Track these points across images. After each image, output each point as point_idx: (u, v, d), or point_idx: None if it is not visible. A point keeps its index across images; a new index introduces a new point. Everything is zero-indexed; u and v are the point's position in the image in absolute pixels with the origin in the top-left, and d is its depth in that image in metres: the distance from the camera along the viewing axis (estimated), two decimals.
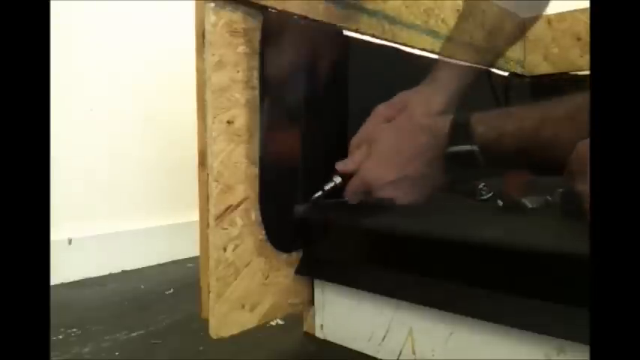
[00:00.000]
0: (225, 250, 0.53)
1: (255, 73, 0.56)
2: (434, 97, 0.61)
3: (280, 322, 0.69)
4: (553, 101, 0.50)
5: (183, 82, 0.78)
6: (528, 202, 0.58)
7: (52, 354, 0.62)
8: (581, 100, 0.46)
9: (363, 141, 0.59)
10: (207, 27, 0.51)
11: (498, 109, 0.53)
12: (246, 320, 0.56)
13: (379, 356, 0.57)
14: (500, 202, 0.59)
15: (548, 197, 0.58)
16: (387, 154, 0.55)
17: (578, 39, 1.12)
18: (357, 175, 0.57)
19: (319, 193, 0.59)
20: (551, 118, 0.48)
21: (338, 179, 0.59)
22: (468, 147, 0.51)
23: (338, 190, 0.59)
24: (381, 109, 0.61)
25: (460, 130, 0.52)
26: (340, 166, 0.59)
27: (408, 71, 0.81)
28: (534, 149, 0.50)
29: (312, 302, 0.64)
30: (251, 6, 0.55)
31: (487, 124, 0.51)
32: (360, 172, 0.57)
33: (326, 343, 0.63)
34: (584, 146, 0.43)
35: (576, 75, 1.13)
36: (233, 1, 0.53)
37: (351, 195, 0.59)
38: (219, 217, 0.53)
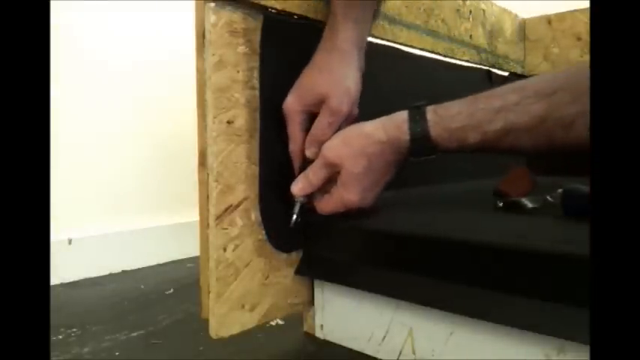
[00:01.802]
0: (225, 250, 0.53)
1: (255, 73, 0.56)
2: (348, 77, 0.56)
3: (280, 322, 0.69)
4: (516, 103, 0.48)
5: (183, 82, 0.78)
6: (528, 202, 0.58)
7: (52, 354, 0.62)
8: (544, 112, 0.46)
9: (312, 158, 0.56)
10: (207, 27, 0.51)
11: (457, 114, 0.50)
12: (246, 320, 0.56)
13: (379, 356, 0.57)
14: (500, 203, 0.59)
15: (548, 197, 0.58)
16: (362, 178, 0.53)
17: (578, 39, 1.12)
18: (336, 202, 0.55)
19: (293, 218, 0.57)
20: (513, 129, 0.48)
21: (301, 198, 0.57)
22: (432, 157, 0.52)
23: (306, 206, 0.58)
24: (295, 106, 0.56)
25: (420, 147, 0.52)
26: (296, 190, 0.56)
27: (408, 71, 0.81)
28: (495, 153, 0.51)
29: (312, 302, 0.64)
30: (251, 6, 0.55)
31: (448, 138, 0.50)
32: (340, 200, 0.54)
33: (326, 343, 0.63)
34: None
35: None
36: (233, 1, 0.53)
37: (327, 213, 0.56)
38: (219, 217, 0.53)
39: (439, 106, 0.52)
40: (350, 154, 0.53)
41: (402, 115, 0.53)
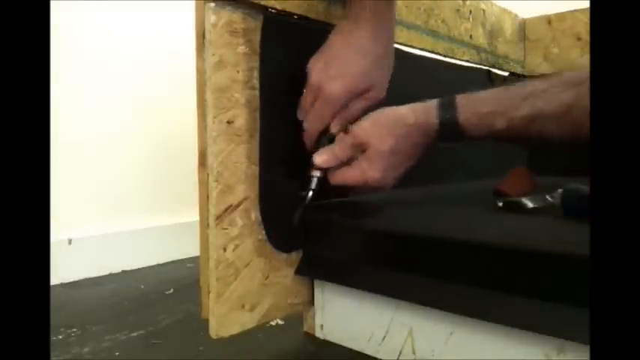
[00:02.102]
0: (225, 250, 0.53)
1: (255, 73, 0.56)
2: (391, 65, 0.58)
3: (280, 322, 0.69)
4: (543, 90, 0.49)
5: (183, 82, 0.78)
6: (528, 202, 0.58)
7: (52, 354, 0.62)
8: (572, 100, 0.46)
9: (341, 133, 0.57)
10: (207, 27, 0.51)
11: (486, 101, 0.52)
12: (246, 320, 0.56)
13: (379, 356, 0.57)
14: (499, 203, 0.59)
15: (548, 197, 0.58)
16: (387, 157, 0.54)
17: (578, 39, 1.12)
18: (356, 175, 0.55)
19: (309, 193, 0.57)
20: (539, 115, 0.48)
21: (318, 173, 0.57)
22: (459, 144, 0.53)
23: (322, 182, 0.58)
24: (342, 94, 0.55)
25: (449, 131, 0.53)
26: (319, 160, 0.56)
27: (408, 71, 0.81)
28: (523, 141, 0.52)
29: (312, 302, 0.64)
30: (251, 6, 0.55)
31: (476, 123, 0.51)
32: (361, 174, 0.55)
33: (326, 343, 0.63)
34: None
35: None
36: (233, 1, 0.53)
37: (343, 183, 0.57)
38: (219, 217, 0.53)
39: (469, 93, 0.53)
40: (379, 133, 0.54)
41: (433, 102, 0.54)
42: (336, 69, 0.55)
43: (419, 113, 0.54)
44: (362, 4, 0.55)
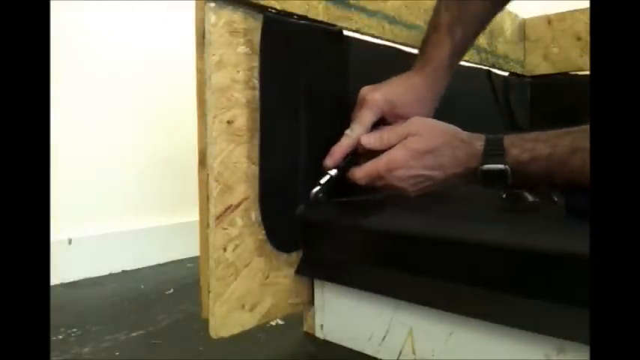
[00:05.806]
0: (225, 250, 0.53)
1: (255, 73, 0.56)
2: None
3: (280, 322, 0.69)
4: (583, 129, 0.50)
5: (183, 82, 0.78)
6: (529, 195, 0.58)
7: (52, 354, 0.62)
8: None
9: (392, 129, 0.59)
10: (207, 27, 0.51)
11: (528, 133, 0.54)
12: (246, 320, 0.56)
13: (379, 356, 0.57)
14: (503, 194, 0.60)
15: (553, 196, 0.58)
16: (422, 151, 0.55)
17: (578, 39, 1.12)
18: (380, 159, 0.56)
19: (317, 188, 0.58)
20: (580, 148, 0.49)
21: (333, 171, 0.59)
22: (500, 166, 0.52)
23: (334, 182, 0.59)
24: (376, 101, 0.61)
25: (493, 150, 0.53)
26: (366, 141, 0.58)
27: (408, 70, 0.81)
28: (563, 174, 0.51)
29: (312, 302, 0.64)
30: (251, 6, 0.55)
31: (520, 146, 0.52)
32: (386, 157, 0.56)
33: (326, 343, 0.63)
34: None
35: (576, 75, 1.13)
36: (233, 1, 0.53)
37: (363, 176, 0.58)
38: (219, 217, 0.53)
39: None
40: (431, 130, 0.56)
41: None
42: (401, 111, 0.61)
43: (470, 135, 0.56)
44: (427, 60, 0.65)
